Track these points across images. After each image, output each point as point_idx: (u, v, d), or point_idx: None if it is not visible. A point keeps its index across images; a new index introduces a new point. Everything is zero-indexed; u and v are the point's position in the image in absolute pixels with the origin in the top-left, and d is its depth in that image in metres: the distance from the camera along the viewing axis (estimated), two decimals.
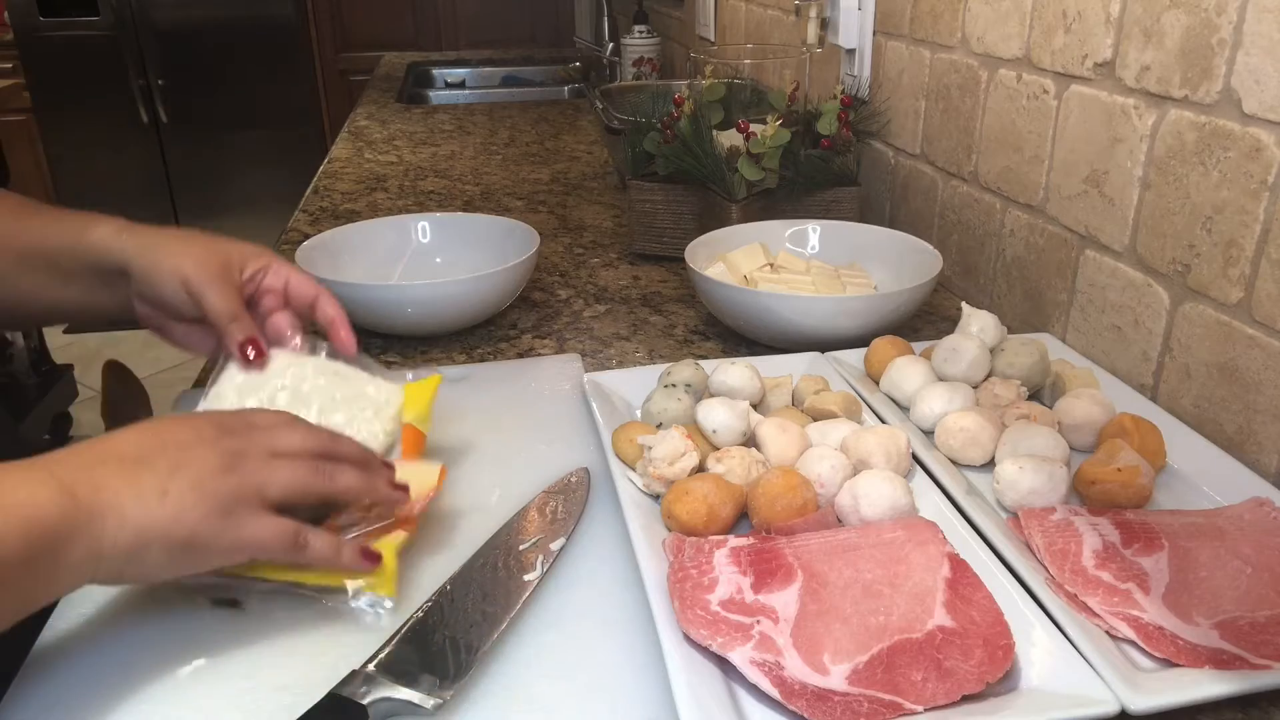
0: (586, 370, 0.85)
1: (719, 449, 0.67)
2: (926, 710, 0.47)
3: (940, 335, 0.82)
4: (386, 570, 0.56)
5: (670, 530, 0.61)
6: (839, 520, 0.63)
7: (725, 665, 0.50)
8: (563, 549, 0.61)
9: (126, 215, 0.71)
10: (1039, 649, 0.51)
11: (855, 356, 0.84)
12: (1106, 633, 0.52)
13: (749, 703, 0.49)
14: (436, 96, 2.72)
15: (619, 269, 1.16)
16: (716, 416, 0.69)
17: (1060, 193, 0.88)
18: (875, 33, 1.23)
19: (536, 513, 0.65)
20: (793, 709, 0.47)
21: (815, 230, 1.06)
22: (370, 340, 0.93)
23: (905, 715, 0.47)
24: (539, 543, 0.61)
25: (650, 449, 0.65)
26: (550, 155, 1.78)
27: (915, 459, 0.69)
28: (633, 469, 0.68)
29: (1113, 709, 0.46)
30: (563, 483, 0.68)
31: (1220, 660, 0.50)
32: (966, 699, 0.48)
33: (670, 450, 0.64)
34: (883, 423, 0.74)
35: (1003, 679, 0.49)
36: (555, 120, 2.13)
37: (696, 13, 2.25)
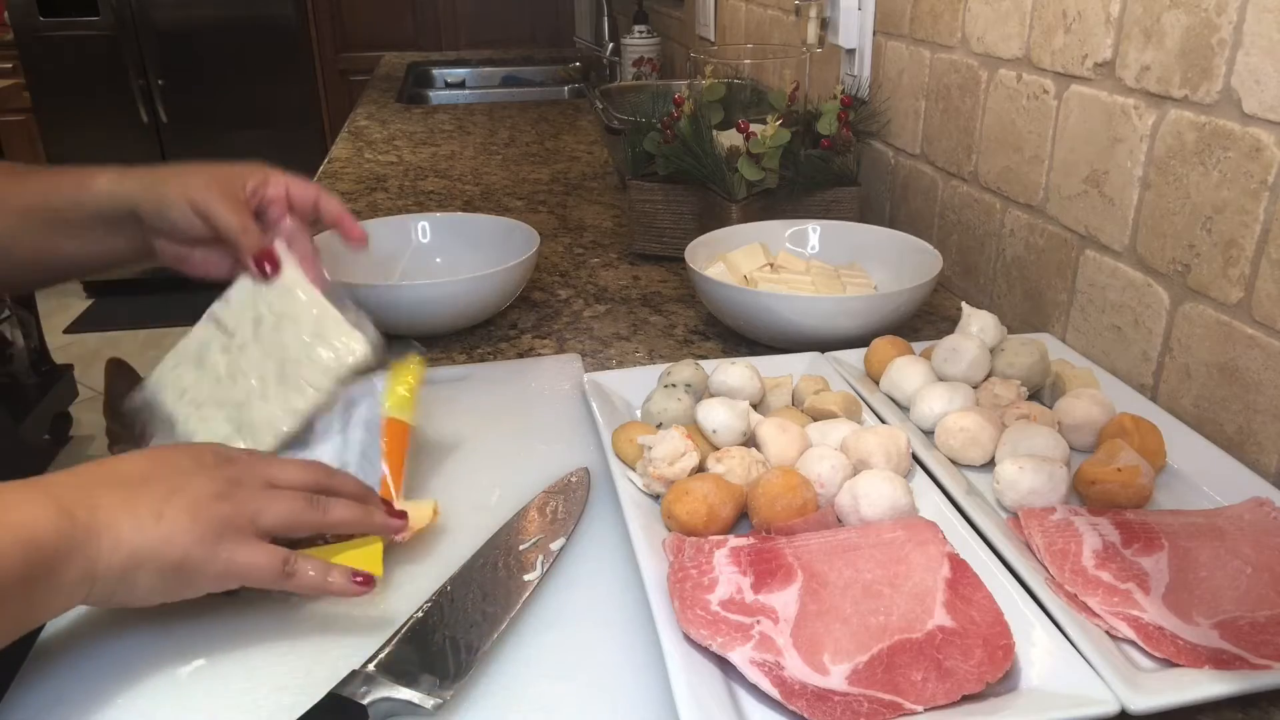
0: (586, 370, 0.86)
1: (719, 449, 0.67)
2: (926, 710, 0.47)
3: (940, 335, 0.82)
4: (373, 553, 0.57)
5: (670, 530, 0.61)
6: (839, 520, 0.63)
7: (725, 665, 0.50)
8: (563, 549, 0.61)
9: None
10: (1039, 649, 0.51)
11: (855, 356, 0.84)
12: (1106, 633, 0.52)
13: (749, 703, 0.49)
14: (436, 96, 2.72)
15: (619, 269, 1.16)
16: (716, 416, 0.69)
17: (1060, 193, 0.88)
18: (875, 33, 1.23)
19: (537, 513, 0.65)
20: (793, 709, 0.47)
21: (815, 230, 1.06)
22: None
23: (905, 715, 0.47)
24: (539, 543, 0.61)
25: (650, 449, 0.65)
26: (550, 155, 1.78)
27: (915, 459, 0.68)
28: (633, 469, 0.68)
29: (1113, 709, 0.46)
30: (563, 483, 0.68)
31: (1220, 660, 0.50)
32: (966, 699, 0.48)
33: (670, 450, 0.64)
34: (883, 423, 0.74)
35: (1003, 679, 0.49)
36: (555, 120, 2.13)
37: (696, 13, 2.25)
